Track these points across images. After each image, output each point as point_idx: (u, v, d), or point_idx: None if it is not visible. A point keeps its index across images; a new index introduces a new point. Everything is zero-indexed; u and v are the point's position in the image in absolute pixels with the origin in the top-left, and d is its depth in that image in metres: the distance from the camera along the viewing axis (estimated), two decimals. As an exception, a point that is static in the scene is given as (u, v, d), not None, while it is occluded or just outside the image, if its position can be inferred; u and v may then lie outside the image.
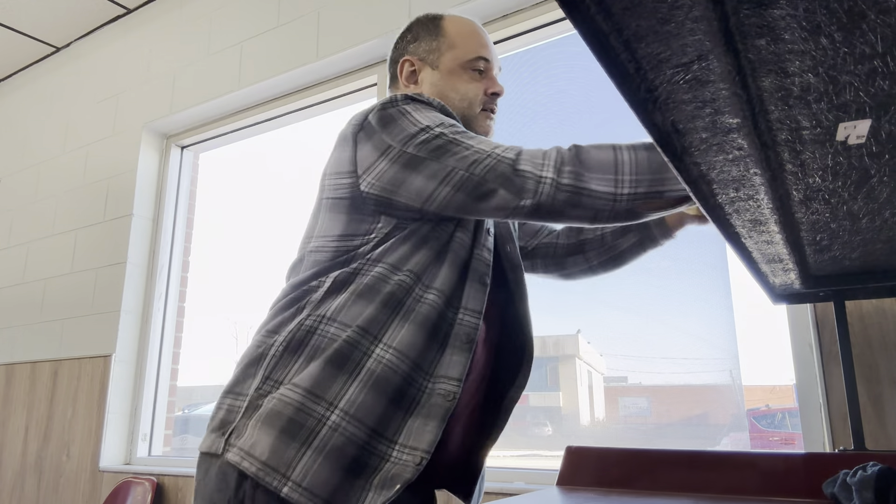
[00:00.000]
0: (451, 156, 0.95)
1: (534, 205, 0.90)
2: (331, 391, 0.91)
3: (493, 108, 1.20)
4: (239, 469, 0.89)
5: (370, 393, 0.91)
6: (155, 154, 3.07)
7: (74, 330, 2.96)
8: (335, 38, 2.40)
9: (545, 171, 0.90)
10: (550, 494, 1.08)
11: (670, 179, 0.86)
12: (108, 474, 2.65)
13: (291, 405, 0.90)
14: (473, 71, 1.18)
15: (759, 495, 0.99)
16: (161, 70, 3.05)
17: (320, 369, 0.92)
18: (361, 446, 0.89)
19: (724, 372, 1.79)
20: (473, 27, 1.22)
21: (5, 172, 3.72)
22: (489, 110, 1.19)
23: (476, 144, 0.96)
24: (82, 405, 2.82)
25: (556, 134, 2.14)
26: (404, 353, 0.93)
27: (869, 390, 1.37)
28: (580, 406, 2.10)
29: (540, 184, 0.90)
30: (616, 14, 0.35)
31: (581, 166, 0.89)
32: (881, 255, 0.94)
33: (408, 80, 1.21)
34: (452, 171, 0.95)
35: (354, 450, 0.88)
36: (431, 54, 1.19)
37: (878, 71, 0.40)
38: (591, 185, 0.88)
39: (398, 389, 0.92)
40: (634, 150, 0.89)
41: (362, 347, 0.93)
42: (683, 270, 1.89)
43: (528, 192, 0.90)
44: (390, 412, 0.91)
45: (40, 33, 3.47)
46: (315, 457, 0.87)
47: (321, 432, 0.89)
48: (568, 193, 0.89)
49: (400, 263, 0.99)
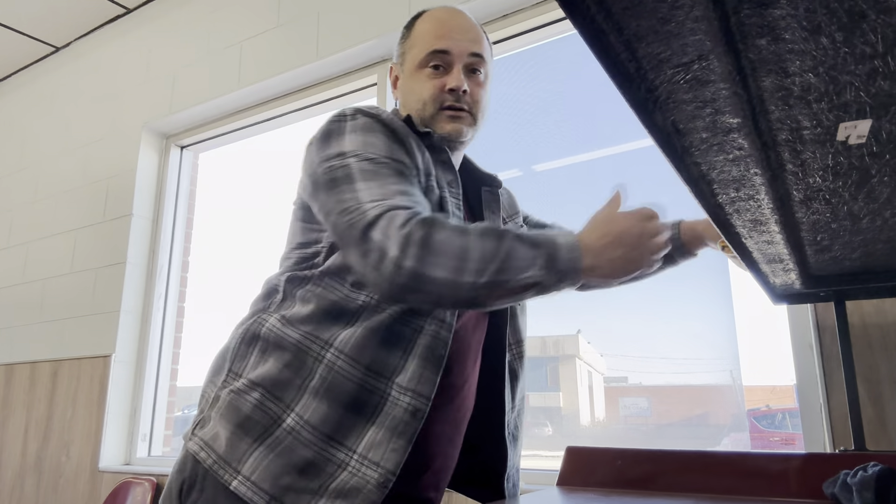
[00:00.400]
0: (338, 193, 0.92)
1: (374, 282, 0.88)
2: (287, 394, 0.91)
3: (457, 104, 1.06)
4: (196, 458, 0.93)
5: (324, 399, 0.90)
6: (154, 154, 3.07)
7: (74, 330, 2.96)
8: (335, 38, 2.40)
9: (391, 246, 0.86)
10: (550, 494, 1.08)
11: (515, 269, 0.84)
12: (108, 474, 2.65)
13: (250, 402, 0.92)
14: (429, 68, 1.07)
15: (759, 495, 0.99)
16: (161, 70, 3.05)
17: (277, 371, 0.93)
18: (316, 451, 0.88)
19: (724, 372, 1.79)
20: (439, 18, 1.10)
21: (5, 172, 3.72)
22: (451, 108, 1.06)
23: (363, 188, 0.91)
24: (82, 405, 2.82)
25: (557, 134, 2.14)
26: (355, 358, 0.92)
27: (869, 390, 1.37)
28: (580, 406, 2.10)
29: (383, 260, 0.86)
30: (616, 14, 0.35)
31: (426, 249, 0.85)
32: (882, 255, 0.94)
33: (394, 85, 1.17)
34: (331, 210, 0.92)
35: (309, 453, 0.88)
36: (402, 57, 1.14)
37: (878, 71, 0.40)
38: (434, 272, 0.84)
39: (354, 396, 0.91)
40: (485, 238, 0.86)
41: (313, 353, 0.93)
42: (683, 271, 1.88)
43: (370, 265, 0.87)
44: (348, 420, 0.90)
45: (40, 33, 3.47)
46: (266, 453, 0.88)
47: (275, 432, 0.90)
48: (407, 278, 0.85)
49: (348, 275, 0.97)
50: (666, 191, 1.92)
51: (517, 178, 2.24)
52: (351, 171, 0.93)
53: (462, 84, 1.06)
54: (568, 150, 2.12)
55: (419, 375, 0.92)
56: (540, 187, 2.17)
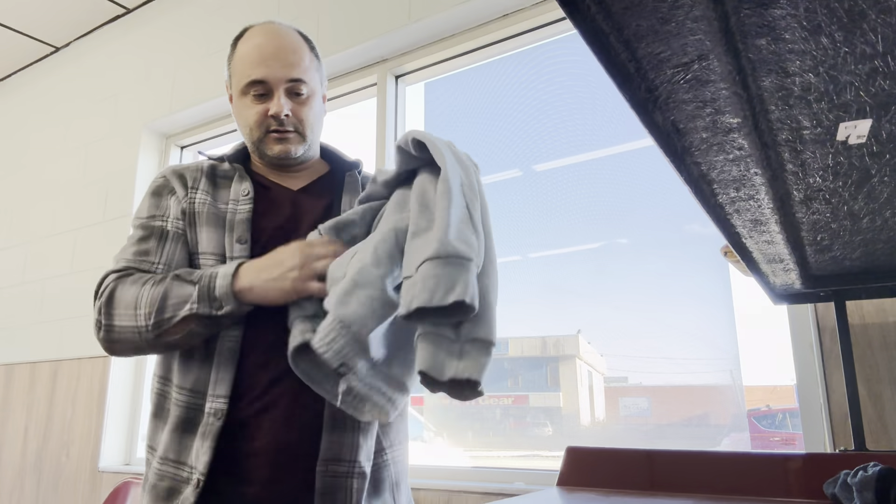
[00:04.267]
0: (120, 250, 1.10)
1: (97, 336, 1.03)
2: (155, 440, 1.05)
3: (281, 128, 1.11)
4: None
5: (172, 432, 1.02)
6: (154, 154, 3.07)
7: (74, 330, 2.96)
8: (335, 38, 2.40)
9: (95, 302, 1.03)
10: (550, 494, 1.08)
11: (172, 306, 0.97)
12: (108, 475, 2.65)
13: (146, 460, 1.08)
14: (251, 95, 1.11)
15: (759, 495, 0.99)
16: (161, 70, 3.05)
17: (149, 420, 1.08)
18: (171, 477, 1.01)
19: (724, 372, 1.79)
20: (257, 45, 1.12)
21: (5, 172, 3.72)
22: (276, 131, 1.11)
23: (124, 247, 1.09)
24: (82, 405, 2.82)
25: (557, 134, 2.14)
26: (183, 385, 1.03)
27: (870, 390, 1.37)
28: (580, 406, 2.10)
29: (95, 313, 1.03)
30: (616, 14, 0.35)
31: (110, 305, 1.00)
32: (882, 255, 0.94)
33: (230, 102, 1.20)
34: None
35: (167, 482, 1.01)
36: (230, 79, 1.17)
37: (878, 70, 0.40)
38: (120, 323, 1.00)
39: (186, 419, 1.01)
40: (154, 284, 0.99)
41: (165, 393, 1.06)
42: (684, 271, 1.89)
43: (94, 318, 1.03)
44: (186, 441, 1.01)
45: (40, 33, 3.47)
46: (145, 496, 1.04)
47: (149, 475, 1.04)
48: (105, 331, 1.01)
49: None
50: (666, 191, 1.92)
51: (517, 178, 2.24)
52: (130, 232, 1.12)
53: (283, 110, 1.10)
54: (568, 150, 2.12)
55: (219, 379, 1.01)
56: (540, 187, 2.17)
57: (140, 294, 0.99)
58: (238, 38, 1.17)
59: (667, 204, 1.92)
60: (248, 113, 1.12)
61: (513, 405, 2.19)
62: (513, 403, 2.20)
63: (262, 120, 1.11)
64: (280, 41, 1.12)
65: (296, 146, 1.13)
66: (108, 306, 1.00)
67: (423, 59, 2.30)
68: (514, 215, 2.17)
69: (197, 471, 0.97)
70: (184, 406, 1.01)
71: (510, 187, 2.24)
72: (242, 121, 1.14)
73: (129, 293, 1.00)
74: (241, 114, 1.14)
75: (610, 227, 2.03)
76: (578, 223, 2.07)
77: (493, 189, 2.24)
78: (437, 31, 2.20)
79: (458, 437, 2.28)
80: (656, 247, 1.94)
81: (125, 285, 1.01)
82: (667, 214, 1.92)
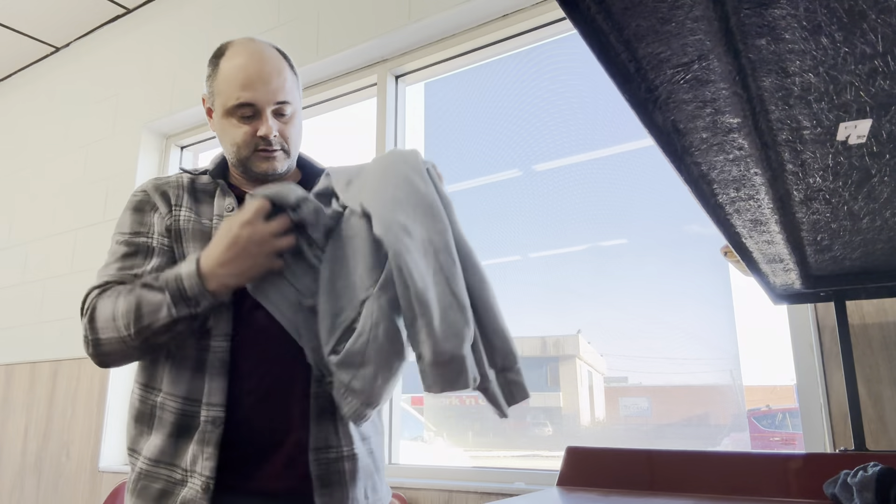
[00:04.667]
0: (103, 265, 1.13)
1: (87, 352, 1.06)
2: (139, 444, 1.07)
3: (269, 147, 1.14)
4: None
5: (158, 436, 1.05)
6: (155, 154, 3.07)
7: (74, 330, 2.96)
8: (335, 38, 2.40)
9: (82, 319, 1.06)
10: (550, 494, 1.08)
11: (149, 314, 0.99)
12: (108, 475, 2.65)
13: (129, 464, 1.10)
14: (238, 116, 1.13)
15: (759, 495, 0.99)
16: (161, 70, 3.05)
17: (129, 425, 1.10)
18: (164, 479, 1.03)
19: (724, 372, 1.79)
20: (242, 66, 1.14)
21: (5, 172, 3.72)
22: (264, 150, 1.14)
23: (106, 263, 1.11)
24: (82, 405, 2.82)
25: (557, 134, 2.14)
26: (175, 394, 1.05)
27: (870, 390, 1.37)
28: (580, 406, 2.10)
29: (82, 330, 1.05)
30: (616, 14, 0.35)
31: (93, 320, 1.04)
32: (882, 255, 0.94)
33: (208, 115, 1.22)
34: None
35: (160, 484, 1.03)
36: (212, 96, 1.19)
37: (878, 70, 0.40)
38: (105, 335, 1.02)
39: (181, 425, 1.04)
40: (126, 295, 1.02)
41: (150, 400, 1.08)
42: (684, 271, 1.89)
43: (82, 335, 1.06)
44: (181, 445, 1.04)
45: (40, 33, 3.47)
46: (132, 499, 1.05)
47: (136, 477, 1.06)
48: (94, 346, 1.04)
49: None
50: (666, 191, 1.92)
51: (517, 178, 2.24)
52: (112, 248, 1.15)
53: (272, 130, 1.14)
54: (568, 150, 2.12)
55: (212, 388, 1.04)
56: (540, 187, 2.17)
57: (116, 306, 1.02)
58: (218, 55, 1.18)
59: (667, 204, 1.92)
60: (235, 132, 1.14)
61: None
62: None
63: (250, 140, 1.14)
64: (264, 64, 1.15)
65: (281, 163, 1.17)
66: (92, 321, 1.04)
67: (423, 59, 2.30)
68: (513, 215, 2.18)
69: (199, 475, 1.01)
70: (179, 413, 1.04)
71: (510, 187, 2.24)
72: (228, 139, 1.16)
73: (108, 306, 1.03)
74: (226, 132, 1.16)
75: (610, 227, 2.03)
76: (578, 223, 2.07)
77: (493, 189, 2.24)
78: (436, 31, 2.20)
79: (458, 437, 2.29)
80: (656, 247, 1.94)
81: (104, 300, 1.04)
82: (667, 215, 1.92)
